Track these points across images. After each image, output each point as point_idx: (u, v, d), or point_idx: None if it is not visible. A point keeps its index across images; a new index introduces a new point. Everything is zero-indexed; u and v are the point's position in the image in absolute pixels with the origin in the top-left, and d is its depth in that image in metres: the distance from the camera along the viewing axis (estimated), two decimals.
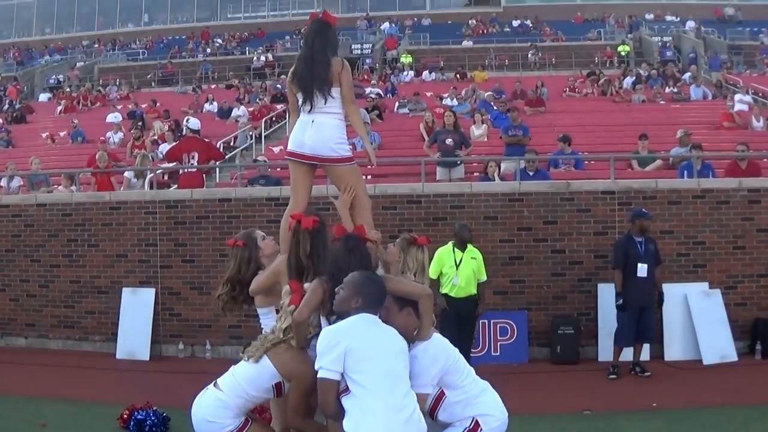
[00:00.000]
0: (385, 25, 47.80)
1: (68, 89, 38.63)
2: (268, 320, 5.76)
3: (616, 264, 11.53)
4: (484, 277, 11.10)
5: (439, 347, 4.98)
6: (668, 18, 47.82)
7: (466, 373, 5.07)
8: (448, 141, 16.04)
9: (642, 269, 11.26)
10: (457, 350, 5.10)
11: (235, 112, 26.21)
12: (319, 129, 5.96)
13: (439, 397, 4.97)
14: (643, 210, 11.76)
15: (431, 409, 4.96)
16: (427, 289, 5.26)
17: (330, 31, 6.18)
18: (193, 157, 15.56)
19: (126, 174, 16.62)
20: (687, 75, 30.91)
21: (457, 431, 4.99)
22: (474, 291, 10.98)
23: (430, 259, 8.23)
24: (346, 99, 6.05)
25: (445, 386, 4.97)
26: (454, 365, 5.01)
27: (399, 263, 5.87)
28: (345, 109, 6.07)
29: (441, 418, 5.02)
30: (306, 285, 5.17)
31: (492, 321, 12.42)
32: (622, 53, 39.92)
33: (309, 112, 6.01)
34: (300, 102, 6.07)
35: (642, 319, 11.32)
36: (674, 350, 12.33)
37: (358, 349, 4.56)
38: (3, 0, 58.39)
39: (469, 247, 11.09)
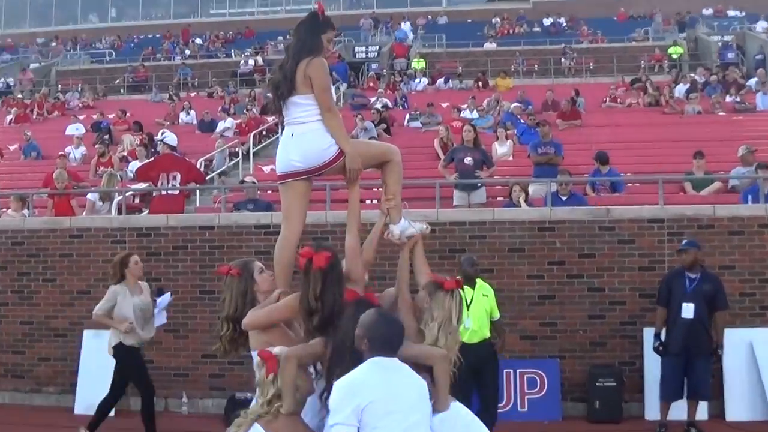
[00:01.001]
0: (405, 26, 47.55)
1: (20, 95, 38.79)
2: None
3: (659, 300, 11.61)
4: (497, 315, 11.01)
5: (457, 419, 5.08)
6: (731, 13, 47.75)
7: None
8: (467, 160, 16.14)
9: (687, 309, 11.19)
10: (479, 424, 5.20)
11: (220, 125, 26.36)
12: (301, 141, 6.15)
13: None
14: (691, 240, 11.72)
15: None
16: (442, 350, 5.35)
17: (312, 24, 6.30)
18: (174, 178, 15.60)
19: (89, 196, 16.70)
20: (752, 81, 30.71)
21: None
22: (488, 334, 10.88)
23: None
24: (320, 106, 6.15)
25: None
26: None
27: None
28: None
29: None
30: (276, 350, 5.34)
31: (518, 371, 12.45)
32: (674, 56, 39.83)
33: (286, 124, 6.27)
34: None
35: (691, 370, 11.23)
36: (737, 408, 12.17)
37: (377, 403, 4.71)
38: None
39: (479, 283, 10.99)
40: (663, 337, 11.44)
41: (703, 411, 11.75)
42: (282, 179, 6.30)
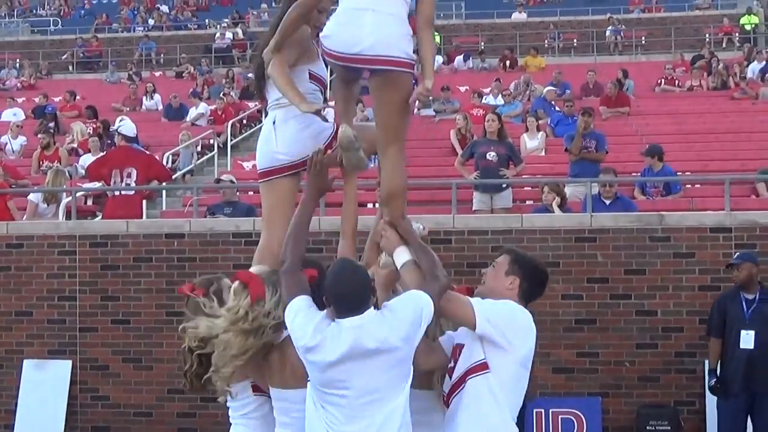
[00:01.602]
0: None
1: None
2: (239, 405, 5.97)
3: (711, 331, 11.63)
4: None
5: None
6: None
7: None
8: (491, 155, 16.23)
9: (746, 338, 11.19)
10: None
11: (192, 112, 26.45)
12: (284, 129, 6.24)
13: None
14: (744, 252, 11.80)
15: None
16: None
17: None
18: (129, 176, 15.72)
19: (31, 197, 16.76)
20: None
21: None
22: None
23: None
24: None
25: None
26: None
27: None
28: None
29: None
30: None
31: (551, 411, 12.51)
32: (747, 27, 39.79)
33: (268, 109, 6.41)
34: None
35: (757, 412, 11.25)
36: None
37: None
38: None
39: None
40: (719, 372, 11.46)
41: None
42: (264, 177, 6.36)
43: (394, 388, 5.29)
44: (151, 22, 47.31)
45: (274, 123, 6.26)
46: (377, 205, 6.57)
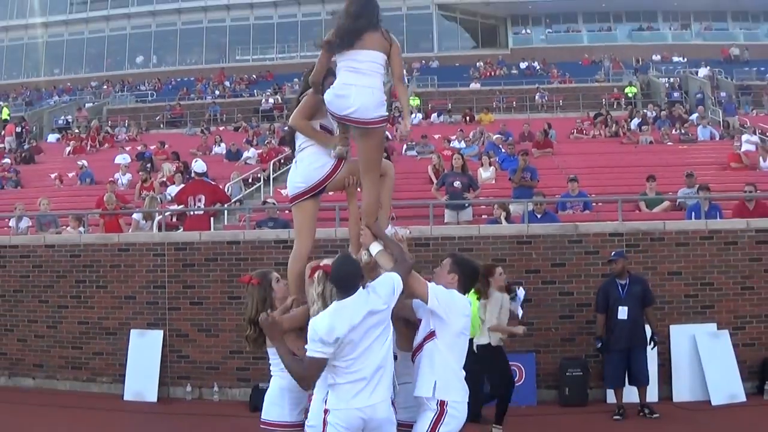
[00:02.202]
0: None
1: (77, 130, 38.98)
2: (278, 361, 5.87)
3: (598, 308, 11.76)
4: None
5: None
6: (675, 59, 48.27)
7: None
8: (456, 184, 16.18)
9: (622, 311, 11.38)
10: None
11: (244, 155, 26.43)
12: (301, 165, 6.31)
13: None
14: (619, 251, 11.93)
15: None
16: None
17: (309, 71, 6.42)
18: (199, 200, 15.70)
19: (134, 216, 16.76)
20: (694, 116, 31.17)
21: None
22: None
23: None
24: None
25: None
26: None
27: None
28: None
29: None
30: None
31: None
32: (629, 94, 40.20)
33: (295, 155, 6.47)
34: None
35: (632, 361, 11.40)
36: (683, 391, 12.31)
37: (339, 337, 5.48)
38: (12, 40, 59.19)
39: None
40: (605, 337, 11.60)
41: (653, 394, 11.92)
42: (292, 201, 6.39)
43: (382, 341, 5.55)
44: (217, 92, 47.33)
45: (295, 163, 6.35)
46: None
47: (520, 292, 11.08)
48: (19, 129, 39.70)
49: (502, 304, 10.51)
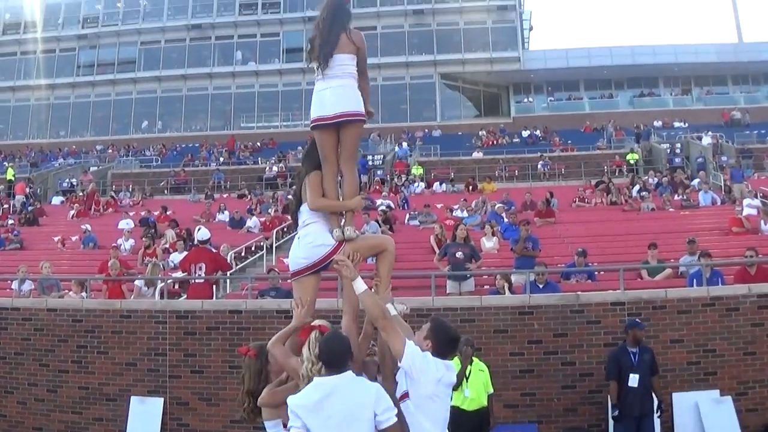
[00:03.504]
0: (404, 145, 46.95)
1: (81, 193, 39.15)
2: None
3: (610, 376, 11.73)
4: (491, 389, 11.14)
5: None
6: (676, 124, 48.63)
7: None
8: (458, 254, 16.20)
9: (633, 379, 11.39)
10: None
11: (247, 223, 26.52)
12: (304, 241, 6.28)
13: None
14: (636, 320, 11.98)
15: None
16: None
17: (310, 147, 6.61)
18: (200, 268, 15.75)
19: (136, 282, 16.81)
20: (695, 181, 31.22)
21: None
22: (485, 403, 10.99)
23: None
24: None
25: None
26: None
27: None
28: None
29: None
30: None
31: None
32: (631, 161, 40.30)
33: (297, 230, 6.48)
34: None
35: (641, 429, 11.40)
36: None
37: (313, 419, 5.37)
38: (18, 101, 59.85)
39: (475, 360, 11.13)
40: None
41: None
42: (293, 276, 6.38)
43: None
44: (221, 159, 47.57)
45: (298, 238, 6.34)
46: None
47: None
48: (29, 189, 40.06)
49: None
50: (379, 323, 5.71)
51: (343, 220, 6.31)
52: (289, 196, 26.23)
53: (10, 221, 30.47)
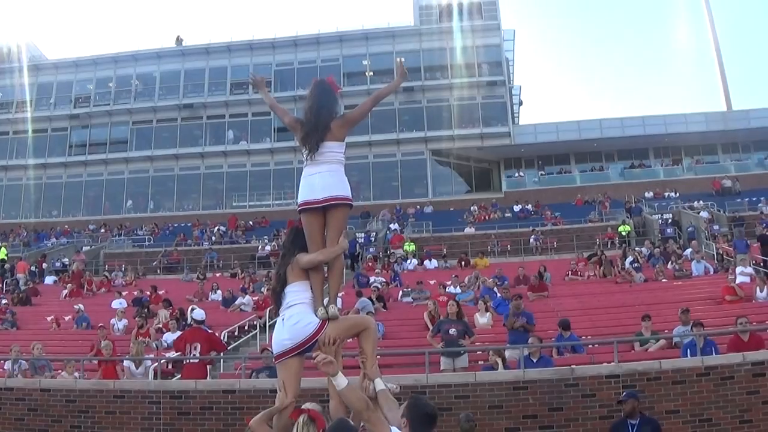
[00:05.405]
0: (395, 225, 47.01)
1: (68, 274, 39.17)
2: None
3: None
4: None
5: None
6: (667, 194, 49.00)
7: None
8: (452, 331, 16.27)
9: None
10: None
11: (238, 301, 26.54)
12: (288, 323, 6.37)
13: None
14: (630, 392, 12.01)
15: None
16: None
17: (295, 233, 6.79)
18: (195, 348, 15.78)
19: (125, 363, 16.78)
20: (688, 251, 31.33)
21: None
22: None
23: None
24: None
25: None
26: None
27: None
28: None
29: None
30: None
31: None
32: (623, 233, 40.51)
33: (280, 312, 6.55)
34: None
35: None
36: None
37: None
38: (11, 180, 60.09)
39: None
40: None
41: None
42: (277, 359, 6.43)
43: None
44: (213, 239, 47.68)
45: (283, 320, 6.43)
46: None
47: None
48: (33, 267, 40.34)
49: None
50: (363, 416, 5.67)
51: (326, 299, 6.43)
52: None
53: (3, 301, 30.46)
